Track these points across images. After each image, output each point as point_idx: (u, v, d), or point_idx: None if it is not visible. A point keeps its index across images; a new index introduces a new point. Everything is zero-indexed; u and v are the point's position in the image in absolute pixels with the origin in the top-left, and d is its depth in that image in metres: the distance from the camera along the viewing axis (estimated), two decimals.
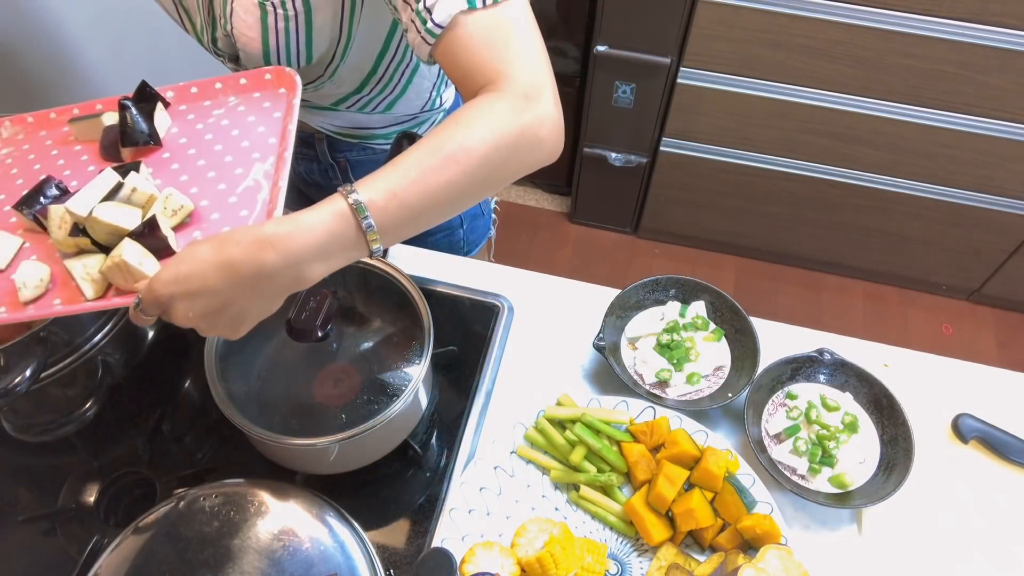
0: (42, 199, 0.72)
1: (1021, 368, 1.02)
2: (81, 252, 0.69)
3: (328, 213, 0.60)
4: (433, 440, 0.95)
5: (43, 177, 0.74)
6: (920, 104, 1.74)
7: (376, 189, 0.61)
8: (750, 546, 0.83)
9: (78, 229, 0.68)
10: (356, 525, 0.77)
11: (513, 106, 0.64)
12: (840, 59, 1.69)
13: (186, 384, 0.98)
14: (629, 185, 2.20)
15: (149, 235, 0.67)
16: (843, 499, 0.88)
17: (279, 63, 0.84)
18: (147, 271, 0.65)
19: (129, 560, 0.73)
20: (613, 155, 2.10)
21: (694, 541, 0.86)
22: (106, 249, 0.68)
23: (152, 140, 0.77)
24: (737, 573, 0.75)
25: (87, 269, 0.67)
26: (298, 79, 0.77)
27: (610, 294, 1.02)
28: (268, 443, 0.78)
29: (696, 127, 1.95)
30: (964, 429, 0.94)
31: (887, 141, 1.83)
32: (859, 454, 0.91)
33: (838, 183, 1.97)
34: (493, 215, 1.28)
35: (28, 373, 0.77)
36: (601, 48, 1.85)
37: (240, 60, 0.86)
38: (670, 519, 0.85)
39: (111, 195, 0.69)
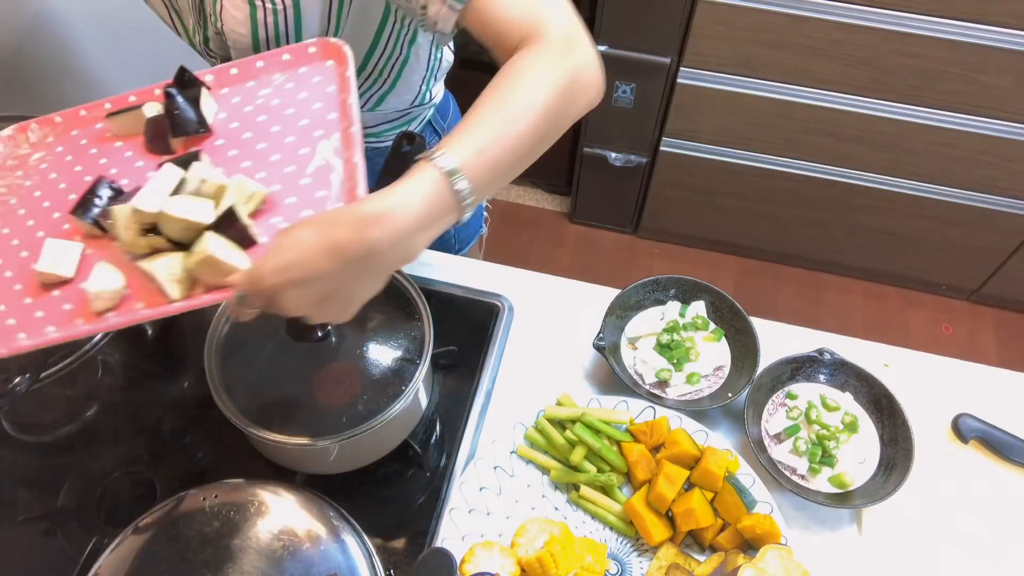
0: (98, 202, 0.68)
1: (1021, 368, 1.02)
2: (155, 252, 0.65)
3: (423, 182, 0.59)
4: (433, 440, 0.95)
5: (96, 179, 0.70)
6: (920, 104, 1.74)
7: (462, 151, 0.60)
8: (750, 546, 0.83)
9: (150, 228, 0.64)
10: (356, 525, 0.77)
11: (557, 55, 0.65)
12: (840, 59, 1.69)
13: (186, 384, 0.98)
14: (629, 185, 2.20)
15: (229, 226, 0.63)
16: (843, 499, 0.88)
17: None
18: (236, 263, 0.62)
19: (129, 560, 0.73)
20: (613, 155, 2.10)
21: (694, 541, 0.86)
22: (182, 246, 0.65)
23: (203, 128, 0.73)
24: (737, 573, 0.75)
25: (170, 270, 0.63)
26: (347, 49, 0.75)
27: (610, 294, 1.02)
28: (268, 443, 0.78)
29: (696, 127, 1.95)
30: (964, 429, 0.94)
31: (887, 141, 1.83)
32: (859, 454, 0.91)
33: (838, 183, 1.97)
34: (485, 213, 1.28)
35: (28, 373, 0.77)
36: (601, 48, 1.84)
37: (232, 60, 0.86)
38: (670, 519, 0.85)
39: (177, 189, 0.65)
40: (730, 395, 0.93)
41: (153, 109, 0.75)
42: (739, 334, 0.99)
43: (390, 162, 0.72)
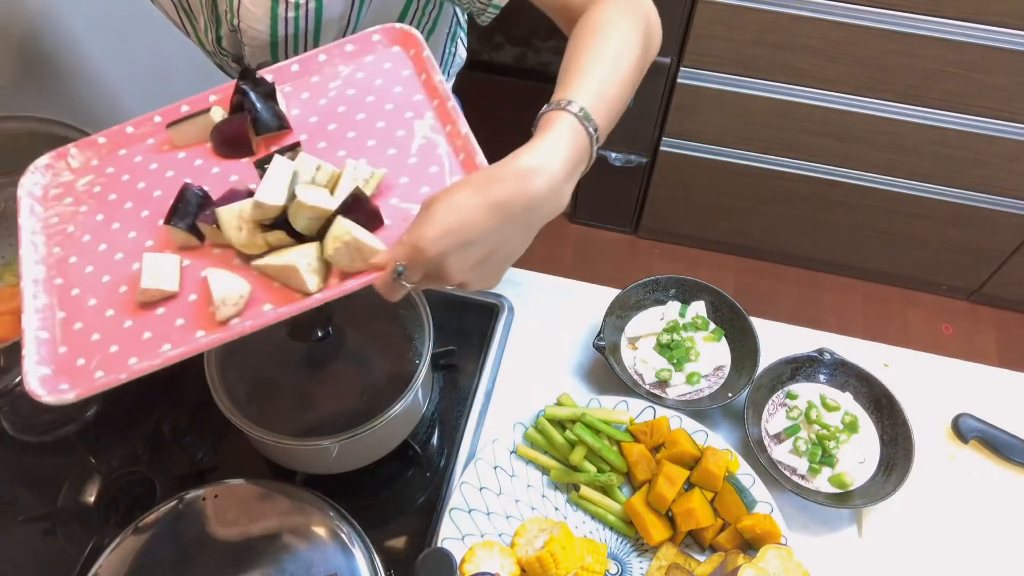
0: (189, 208, 0.65)
1: (1021, 368, 1.02)
2: (271, 250, 0.63)
3: (564, 130, 0.60)
4: (433, 440, 0.95)
5: (182, 187, 0.66)
6: (920, 104, 1.74)
7: (585, 95, 0.62)
8: (750, 546, 0.83)
9: (270, 224, 0.62)
10: (356, 525, 0.77)
11: (628, 7, 0.69)
12: (840, 59, 1.69)
13: (186, 384, 0.98)
14: (629, 185, 2.19)
15: (357, 209, 0.62)
16: (843, 499, 0.88)
17: (286, 55, 0.83)
18: (376, 245, 0.60)
19: (129, 560, 0.73)
20: (613, 155, 2.10)
21: (694, 541, 0.86)
22: (302, 238, 0.63)
23: (284, 124, 0.71)
24: (737, 573, 0.75)
25: (307, 259, 0.61)
26: (416, 33, 0.74)
27: (610, 294, 1.02)
28: (268, 443, 0.78)
29: (696, 127, 1.95)
30: (964, 429, 0.94)
31: (887, 141, 1.83)
32: (859, 454, 0.91)
33: (838, 183, 1.97)
34: None
35: None
36: None
37: (244, 58, 0.86)
38: (670, 519, 0.85)
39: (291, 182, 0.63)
40: (730, 395, 0.93)
41: (218, 114, 0.72)
42: (739, 334, 0.99)
43: None
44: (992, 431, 0.93)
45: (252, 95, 0.70)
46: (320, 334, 0.80)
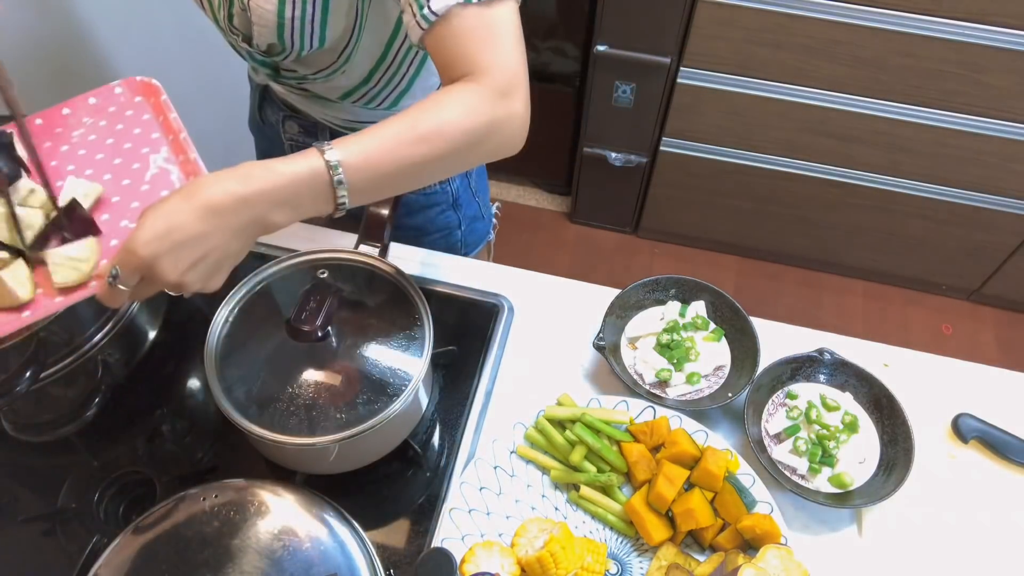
0: None
1: (1021, 368, 1.02)
2: None
3: (303, 164, 0.63)
4: (433, 440, 0.95)
5: None
6: (920, 104, 1.74)
7: (351, 151, 0.64)
8: (750, 546, 0.83)
9: None
10: (356, 525, 0.77)
11: (488, 99, 0.68)
12: (840, 59, 1.69)
13: (186, 384, 0.98)
14: (629, 185, 2.20)
15: (73, 216, 0.68)
16: (843, 499, 0.88)
17: (292, 40, 0.83)
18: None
19: (129, 560, 0.73)
20: (613, 155, 2.10)
21: (694, 541, 0.86)
22: (16, 255, 0.70)
23: (18, 173, 0.76)
24: (737, 573, 0.75)
25: (14, 274, 0.68)
26: (156, 84, 0.82)
27: (610, 294, 1.02)
28: (268, 443, 0.78)
29: (696, 127, 1.95)
30: (964, 429, 0.94)
31: (887, 141, 1.83)
32: (859, 454, 0.91)
33: (838, 183, 1.97)
34: (494, 219, 1.27)
35: (28, 373, 0.77)
36: (601, 48, 1.84)
37: (253, 38, 0.86)
38: (670, 519, 0.85)
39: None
40: (730, 395, 0.93)
41: None
42: (739, 334, 0.99)
43: None
44: (992, 431, 0.93)
45: None
46: (320, 334, 0.80)
